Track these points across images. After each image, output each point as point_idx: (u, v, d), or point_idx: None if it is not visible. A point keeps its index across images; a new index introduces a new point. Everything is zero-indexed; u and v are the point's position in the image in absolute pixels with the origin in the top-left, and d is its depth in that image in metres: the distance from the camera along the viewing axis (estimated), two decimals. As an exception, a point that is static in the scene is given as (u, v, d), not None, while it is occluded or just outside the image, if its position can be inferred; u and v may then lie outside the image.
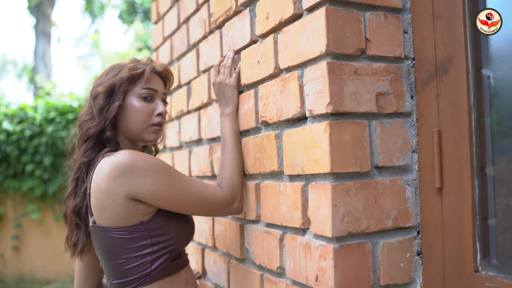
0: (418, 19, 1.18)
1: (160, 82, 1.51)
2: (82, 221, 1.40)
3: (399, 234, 1.17)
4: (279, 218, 1.30)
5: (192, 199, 1.34)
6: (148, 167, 1.28)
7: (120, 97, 1.41)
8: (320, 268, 1.12)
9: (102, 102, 1.41)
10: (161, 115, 1.46)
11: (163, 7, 2.38)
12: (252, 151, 1.46)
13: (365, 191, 1.13)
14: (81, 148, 1.41)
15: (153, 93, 1.46)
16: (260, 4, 1.40)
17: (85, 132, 1.41)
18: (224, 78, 1.55)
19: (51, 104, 6.16)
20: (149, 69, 1.46)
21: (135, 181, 1.26)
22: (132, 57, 1.52)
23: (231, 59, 1.55)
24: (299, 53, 1.20)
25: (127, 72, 1.42)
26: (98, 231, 1.32)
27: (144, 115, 1.43)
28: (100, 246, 1.33)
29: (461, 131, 1.08)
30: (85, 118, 1.44)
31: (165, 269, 1.33)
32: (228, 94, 1.53)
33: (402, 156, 1.18)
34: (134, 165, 1.27)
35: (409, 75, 1.20)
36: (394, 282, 1.15)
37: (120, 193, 1.26)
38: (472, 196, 1.06)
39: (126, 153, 1.30)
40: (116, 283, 1.34)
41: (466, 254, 1.07)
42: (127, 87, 1.42)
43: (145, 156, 1.32)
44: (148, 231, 1.30)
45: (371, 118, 1.15)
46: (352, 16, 1.13)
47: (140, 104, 1.43)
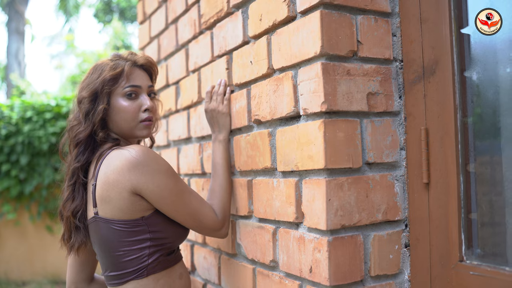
0: (406, 23, 1.25)
1: (143, 75, 1.51)
2: (81, 222, 1.42)
3: (388, 227, 1.23)
4: (272, 213, 1.35)
5: (188, 213, 1.38)
6: (158, 170, 1.32)
7: (104, 99, 1.43)
8: (314, 260, 1.17)
9: (87, 106, 1.43)
10: (148, 110, 1.47)
11: (150, 7, 2.41)
12: (244, 149, 1.50)
13: (357, 186, 1.18)
14: (72, 154, 1.44)
15: (137, 89, 1.47)
16: (253, 6, 1.44)
17: (74, 137, 1.45)
18: (216, 105, 1.57)
19: (27, 103, 6.08)
20: (129, 65, 1.47)
21: (144, 178, 1.30)
22: (114, 53, 1.54)
23: (223, 86, 1.59)
24: (293, 54, 1.25)
25: (107, 72, 1.43)
26: (99, 222, 1.35)
27: (131, 113, 1.45)
28: (100, 238, 1.36)
29: (447, 129, 1.14)
30: (73, 123, 1.47)
31: (161, 263, 1.36)
32: (221, 121, 1.57)
33: (391, 153, 1.24)
34: (146, 164, 1.31)
35: (398, 76, 1.26)
36: (384, 273, 1.21)
37: (126, 187, 1.30)
38: (457, 191, 1.13)
39: (140, 149, 1.34)
40: (113, 275, 1.37)
41: (452, 245, 1.13)
42: (110, 88, 1.43)
43: (157, 157, 1.36)
44: (148, 226, 1.33)
45: (362, 117, 1.21)
46: (344, 20, 1.19)
47: (125, 103, 1.45)
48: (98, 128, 1.43)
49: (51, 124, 5.88)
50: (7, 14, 14.38)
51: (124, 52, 1.55)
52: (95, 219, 1.36)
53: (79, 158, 1.43)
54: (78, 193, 1.42)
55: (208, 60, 1.75)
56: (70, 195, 1.43)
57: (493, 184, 1.14)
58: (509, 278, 1.00)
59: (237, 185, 1.55)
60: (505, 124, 1.11)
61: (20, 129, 5.88)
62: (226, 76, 1.61)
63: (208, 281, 1.78)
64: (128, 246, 1.33)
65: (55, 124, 5.88)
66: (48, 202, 6.06)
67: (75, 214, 1.41)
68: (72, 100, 6.08)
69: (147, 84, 1.51)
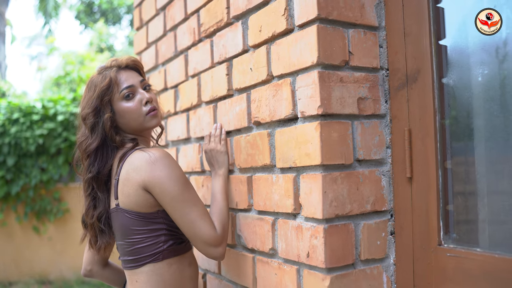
0: (391, 36, 1.41)
1: (131, 74, 1.63)
2: (106, 225, 1.56)
3: (376, 216, 1.38)
4: (271, 206, 1.50)
5: (184, 222, 1.45)
6: (169, 175, 1.44)
7: (107, 109, 1.56)
8: (311, 246, 1.32)
9: (92, 120, 1.57)
10: (148, 102, 1.60)
11: (147, 14, 2.53)
12: (244, 148, 1.64)
13: (349, 180, 1.34)
14: (84, 166, 1.58)
15: (132, 89, 1.59)
16: (253, 18, 1.59)
17: (84, 150, 1.58)
18: (215, 145, 1.71)
19: (14, 105, 6.12)
20: (115, 71, 1.59)
21: (154, 179, 1.43)
22: (98, 67, 1.67)
23: (219, 129, 1.73)
24: (291, 62, 1.40)
25: (99, 84, 1.57)
26: (120, 212, 1.49)
27: (135, 111, 1.58)
28: (120, 225, 1.51)
29: (427, 130, 1.30)
30: (81, 139, 1.59)
31: (174, 250, 1.51)
32: (220, 159, 1.70)
33: (378, 151, 1.40)
34: (159, 166, 1.44)
35: (384, 83, 1.42)
36: (372, 257, 1.36)
37: (140, 185, 1.44)
38: (436, 184, 1.29)
39: (160, 153, 1.47)
40: (130, 259, 1.52)
41: (431, 232, 1.29)
42: (110, 97, 1.57)
43: (172, 163, 1.48)
44: (164, 218, 1.48)
45: (353, 119, 1.36)
46: (338, 33, 1.34)
47: (126, 104, 1.58)
48: (112, 135, 1.56)
49: (38, 125, 5.94)
50: (-13, 15, 14.24)
51: (107, 61, 1.68)
52: (117, 210, 1.50)
53: (90, 169, 1.56)
54: (99, 200, 1.56)
55: (208, 66, 1.89)
56: (91, 204, 1.57)
57: (467, 178, 1.31)
58: (480, 257, 1.16)
59: (237, 181, 1.69)
60: (478, 125, 1.28)
61: (6, 130, 5.92)
62: (226, 81, 1.75)
63: (208, 271, 1.91)
64: (146, 234, 1.47)
65: (42, 126, 5.93)
66: (35, 203, 6.11)
67: (99, 219, 1.55)
68: (58, 101, 6.14)
69: (138, 80, 1.62)
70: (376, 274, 1.37)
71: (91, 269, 1.75)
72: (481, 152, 1.28)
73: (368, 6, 1.40)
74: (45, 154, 5.99)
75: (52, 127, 5.88)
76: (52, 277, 6.20)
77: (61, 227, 6.22)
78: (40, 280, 6.17)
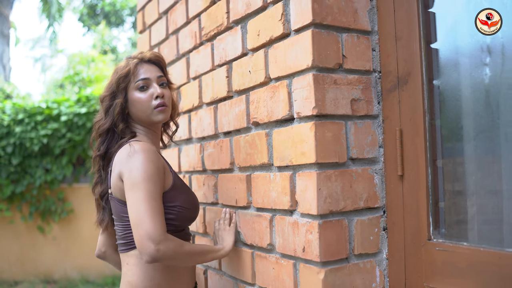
0: (383, 40, 1.47)
1: (152, 69, 1.70)
2: (107, 203, 1.67)
3: (369, 213, 1.44)
4: (269, 203, 1.56)
5: (131, 212, 1.44)
6: (139, 166, 1.48)
7: (121, 94, 1.66)
8: (307, 241, 1.38)
9: (107, 103, 1.69)
10: (159, 97, 1.65)
11: (150, 18, 2.60)
12: (243, 147, 1.70)
13: (343, 178, 1.40)
14: (96, 145, 1.69)
15: (147, 81, 1.66)
16: (252, 23, 1.65)
17: (97, 130, 1.70)
18: (224, 226, 1.77)
19: (19, 106, 6.21)
20: (137, 62, 1.68)
21: (125, 168, 1.51)
22: (126, 57, 1.77)
23: (228, 214, 1.79)
24: (287, 65, 1.47)
25: (120, 71, 1.68)
26: (113, 199, 1.61)
27: (144, 103, 1.65)
28: (114, 211, 1.63)
29: (417, 130, 1.36)
30: (96, 120, 1.72)
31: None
32: (226, 238, 1.74)
33: (371, 150, 1.46)
34: (133, 159, 1.50)
35: (377, 85, 1.48)
36: (365, 252, 1.42)
37: (118, 174, 1.54)
38: (426, 182, 1.35)
39: (139, 146, 1.53)
40: (122, 243, 1.61)
41: (422, 227, 1.35)
42: (126, 84, 1.67)
43: (146, 158, 1.49)
44: None
45: (347, 119, 1.42)
46: (332, 37, 1.40)
47: (139, 95, 1.66)
48: (118, 121, 1.66)
49: (43, 126, 6.02)
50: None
51: (135, 53, 1.79)
52: (111, 197, 1.61)
53: (99, 147, 1.68)
54: (103, 179, 1.68)
55: (208, 69, 1.95)
56: (98, 180, 1.70)
57: (455, 176, 1.37)
58: (467, 251, 1.22)
59: (236, 179, 1.75)
60: (466, 125, 1.34)
61: (11, 131, 6.00)
62: (226, 83, 1.81)
63: (208, 267, 1.98)
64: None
65: (46, 126, 6.01)
66: (40, 203, 6.19)
67: (102, 196, 1.68)
68: (62, 102, 6.22)
69: (156, 75, 1.69)
70: (369, 268, 1.43)
71: (105, 251, 1.83)
72: (469, 151, 1.34)
73: (361, 12, 1.46)
74: (49, 155, 6.07)
75: (56, 127, 5.97)
76: (57, 276, 6.28)
77: (65, 227, 6.30)
78: (44, 279, 6.25)
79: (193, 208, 1.69)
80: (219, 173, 1.88)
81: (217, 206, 1.90)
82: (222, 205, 1.87)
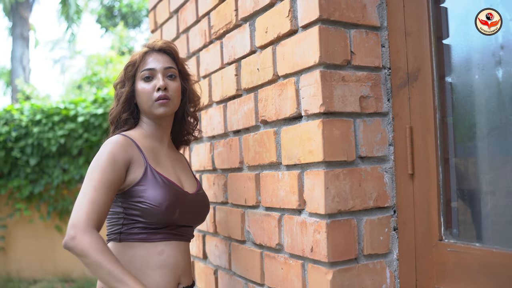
0: (393, 36, 1.43)
1: (161, 59, 1.64)
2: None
3: (379, 212, 1.41)
4: (277, 202, 1.54)
5: (77, 198, 1.43)
6: (97, 157, 1.49)
7: (129, 83, 1.64)
8: (315, 241, 1.36)
9: (117, 91, 1.69)
10: (160, 89, 1.58)
11: (161, 17, 2.60)
12: (252, 146, 1.69)
13: (351, 177, 1.37)
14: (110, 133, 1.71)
15: (152, 72, 1.61)
16: (260, 20, 1.63)
17: (109, 117, 1.71)
18: None
19: (37, 107, 6.29)
20: (145, 51, 1.64)
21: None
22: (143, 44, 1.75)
23: None
24: (295, 62, 1.44)
25: (129, 60, 1.67)
26: None
27: (146, 94, 1.60)
28: None
29: (428, 127, 1.33)
30: (111, 106, 1.72)
31: (136, 235, 1.52)
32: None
33: (381, 148, 1.43)
34: (100, 148, 1.52)
35: (386, 81, 1.45)
36: (375, 252, 1.39)
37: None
38: (437, 180, 1.31)
39: (110, 140, 1.54)
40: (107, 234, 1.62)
41: (433, 227, 1.32)
42: (133, 73, 1.64)
43: (107, 149, 1.49)
44: (122, 203, 1.55)
45: (355, 117, 1.40)
46: (340, 33, 1.38)
47: (142, 85, 1.62)
48: (123, 110, 1.65)
49: (60, 126, 6.09)
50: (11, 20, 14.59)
51: (151, 40, 1.74)
52: None
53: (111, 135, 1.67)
54: None
55: (218, 67, 1.94)
56: None
57: (467, 174, 1.33)
58: (479, 252, 1.18)
59: (245, 178, 1.73)
60: (478, 122, 1.30)
61: (29, 132, 6.08)
62: (235, 81, 1.80)
63: (219, 267, 1.96)
64: (111, 214, 1.58)
65: (64, 127, 6.08)
66: (57, 202, 6.26)
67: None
68: (79, 103, 6.28)
69: (163, 66, 1.63)
70: (379, 269, 1.40)
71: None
72: (483, 149, 1.30)
73: (370, 7, 1.43)
74: (67, 155, 6.14)
75: (73, 127, 6.02)
76: (75, 275, 6.34)
77: (83, 226, 6.35)
78: (63, 278, 6.32)
79: (159, 206, 1.50)
80: (228, 172, 1.87)
81: (227, 205, 1.89)
82: (232, 205, 1.85)
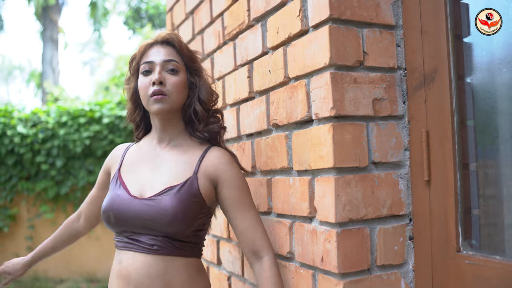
0: (408, 35, 1.36)
1: (163, 51, 1.49)
2: None
3: (393, 221, 1.34)
4: (288, 209, 1.48)
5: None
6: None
7: (133, 78, 1.56)
8: (325, 250, 1.30)
9: (126, 87, 1.62)
10: (155, 84, 1.44)
11: (178, 18, 2.57)
12: (264, 150, 1.63)
13: (364, 183, 1.30)
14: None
15: (150, 65, 1.47)
16: (271, 20, 1.58)
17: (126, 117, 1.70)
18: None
19: (63, 109, 6.37)
20: (148, 43, 1.51)
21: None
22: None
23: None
24: (306, 64, 1.39)
25: (133, 54, 1.58)
26: None
27: (143, 89, 1.47)
28: None
29: (445, 131, 1.25)
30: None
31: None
32: None
33: (395, 153, 1.36)
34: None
35: (401, 83, 1.38)
36: (389, 263, 1.33)
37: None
38: (455, 187, 1.24)
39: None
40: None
41: (450, 237, 1.24)
42: (136, 67, 1.54)
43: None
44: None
45: (368, 121, 1.33)
46: (351, 33, 1.31)
47: (140, 79, 1.49)
48: (134, 108, 1.60)
49: (85, 128, 6.16)
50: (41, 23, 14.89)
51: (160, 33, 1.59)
52: None
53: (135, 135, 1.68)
54: None
55: (231, 69, 1.90)
56: None
57: (488, 181, 1.25)
58: (499, 265, 1.10)
59: (257, 183, 1.68)
60: (500, 125, 1.22)
61: (56, 133, 6.17)
62: (247, 84, 1.75)
63: (232, 274, 1.92)
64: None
65: (89, 129, 6.14)
66: (83, 203, 6.33)
67: None
68: (104, 105, 6.34)
69: (162, 59, 1.47)
70: (393, 281, 1.33)
71: None
72: (504, 154, 1.22)
73: (384, 5, 1.36)
74: (92, 157, 6.20)
75: (98, 129, 6.08)
76: (100, 275, 6.40)
77: (107, 227, 6.42)
78: (88, 278, 6.39)
79: (101, 211, 1.50)
80: (241, 177, 1.82)
81: (240, 210, 1.84)
82: (244, 210, 1.81)
